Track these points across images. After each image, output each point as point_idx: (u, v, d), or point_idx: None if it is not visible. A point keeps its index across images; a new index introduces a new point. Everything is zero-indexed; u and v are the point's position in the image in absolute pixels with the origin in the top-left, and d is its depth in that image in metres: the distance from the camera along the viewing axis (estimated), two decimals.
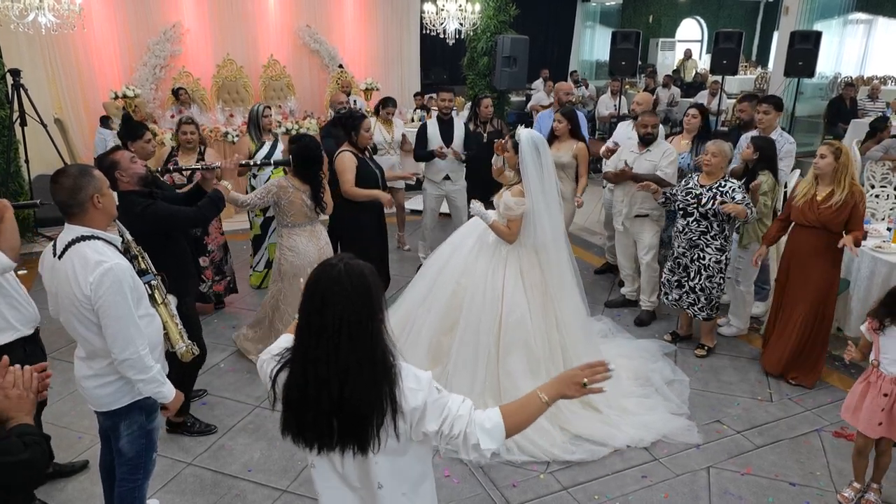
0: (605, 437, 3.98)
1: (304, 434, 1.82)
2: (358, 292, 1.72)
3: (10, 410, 1.89)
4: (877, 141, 8.39)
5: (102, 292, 2.47)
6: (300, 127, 9.11)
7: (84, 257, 2.49)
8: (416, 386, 1.80)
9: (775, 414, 4.35)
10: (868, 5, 17.30)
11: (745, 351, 5.20)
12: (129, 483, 2.90)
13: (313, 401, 1.75)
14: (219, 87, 10.50)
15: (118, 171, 3.46)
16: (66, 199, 2.52)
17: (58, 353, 4.79)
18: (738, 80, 15.92)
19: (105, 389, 2.70)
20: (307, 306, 1.75)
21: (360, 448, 1.77)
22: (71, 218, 2.56)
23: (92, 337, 2.61)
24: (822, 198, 4.40)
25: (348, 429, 1.76)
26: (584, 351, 4.16)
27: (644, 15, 20.14)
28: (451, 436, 1.81)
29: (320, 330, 1.72)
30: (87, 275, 2.47)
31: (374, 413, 1.74)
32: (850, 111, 11.39)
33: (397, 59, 12.65)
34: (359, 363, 1.72)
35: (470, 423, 1.81)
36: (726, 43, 11.39)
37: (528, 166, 3.98)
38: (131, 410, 2.76)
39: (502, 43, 8.24)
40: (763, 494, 3.60)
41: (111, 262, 2.49)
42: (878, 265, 4.82)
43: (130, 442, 2.82)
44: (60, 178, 2.53)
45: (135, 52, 10.09)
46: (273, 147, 5.98)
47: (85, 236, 2.53)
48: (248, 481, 3.67)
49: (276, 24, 11.24)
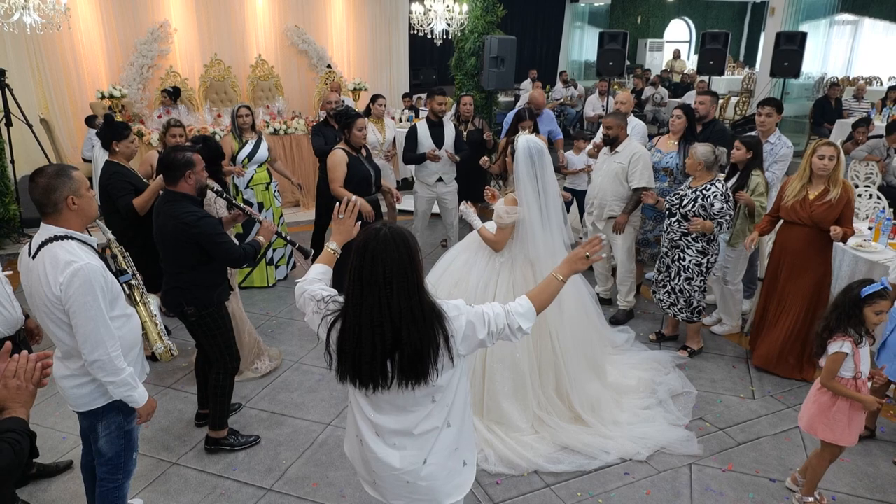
0: (596, 449, 3.90)
1: (361, 377, 2.05)
2: (401, 250, 1.99)
3: (7, 401, 1.86)
4: (854, 143, 8.48)
5: (72, 292, 2.47)
6: (288, 127, 9.11)
7: (55, 257, 2.49)
8: (456, 312, 2.11)
9: (757, 411, 4.39)
10: (854, 6, 17.45)
11: (729, 349, 5.24)
12: (109, 483, 2.90)
13: (368, 345, 2.00)
14: (206, 87, 10.47)
15: (190, 171, 3.43)
16: (41, 198, 2.53)
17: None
18: (725, 81, 16.02)
19: (82, 390, 2.70)
20: (358, 264, 2.01)
21: (420, 379, 2.03)
22: (46, 217, 2.56)
23: (65, 337, 2.61)
24: (814, 196, 4.41)
25: (410, 364, 2.01)
26: (581, 372, 4.11)
27: (632, 15, 20.23)
28: (499, 331, 2.17)
29: (371, 283, 1.98)
30: (56, 275, 2.47)
31: (430, 345, 2.01)
32: (836, 111, 11.47)
33: (386, 60, 12.65)
34: (409, 308, 1.99)
35: (508, 315, 2.18)
36: (713, 44, 11.49)
37: (522, 174, 3.80)
38: (109, 411, 2.76)
39: (490, 43, 8.25)
40: (744, 490, 3.63)
41: (81, 263, 2.48)
42: (859, 264, 4.87)
43: (109, 442, 2.82)
44: (37, 178, 2.54)
45: (122, 51, 10.05)
46: (256, 145, 5.98)
47: (58, 236, 2.53)
48: (233, 480, 3.68)
49: (265, 25, 11.22)
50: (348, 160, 5.13)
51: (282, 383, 4.71)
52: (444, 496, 2.23)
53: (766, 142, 5.38)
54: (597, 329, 4.45)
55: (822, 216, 4.38)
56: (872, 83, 16.26)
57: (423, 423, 2.15)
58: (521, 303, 2.24)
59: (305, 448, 3.97)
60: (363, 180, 5.20)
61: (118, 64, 10.07)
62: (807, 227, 4.48)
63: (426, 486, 2.20)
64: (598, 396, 4.19)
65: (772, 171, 5.35)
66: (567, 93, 14.63)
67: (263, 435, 4.08)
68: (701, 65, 12.03)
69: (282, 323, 5.66)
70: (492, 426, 4.02)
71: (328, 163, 5.17)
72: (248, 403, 4.44)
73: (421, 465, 2.17)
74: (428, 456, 2.18)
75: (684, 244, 4.82)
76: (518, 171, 3.83)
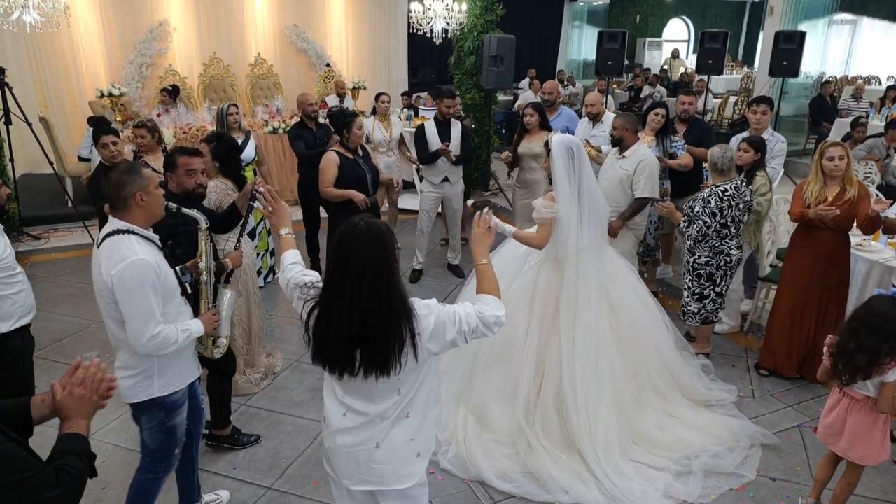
0: (557, 486, 3.53)
1: (329, 362, 2.15)
2: (376, 244, 2.06)
3: (69, 410, 1.79)
4: (853, 142, 8.48)
5: (123, 284, 2.55)
6: (287, 126, 9.10)
7: (113, 249, 2.60)
8: (426, 311, 2.17)
9: (757, 410, 4.39)
10: (853, 5, 17.44)
11: (728, 348, 5.24)
12: (149, 474, 2.97)
13: (335, 333, 2.09)
14: (205, 85, 10.47)
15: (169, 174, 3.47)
16: (112, 192, 2.64)
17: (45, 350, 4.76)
18: (724, 80, 16.01)
19: (126, 382, 2.77)
20: (334, 256, 2.11)
21: (383, 371, 2.09)
22: (115, 212, 2.68)
23: (114, 327, 2.70)
24: (833, 197, 4.34)
25: (373, 356, 2.08)
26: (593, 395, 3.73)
27: (631, 15, 20.22)
28: (471, 329, 2.20)
29: (344, 275, 2.06)
30: (110, 267, 2.57)
31: (394, 340, 2.07)
32: (833, 109, 11.48)
33: (385, 59, 12.65)
34: (377, 301, 2.05)
35: (478, 312, 2.22)
36: (712, 43, 11.47)
37: (560, 171, 3.72)
38: (150, 406, 2.83)
39: (489, 42, 8.23)
40: (744, 489, 3.64)
41: (135, 258, 2.56)
42: (858, 263, 4.88)
43: (151, 436, 2.90)
44: (110, 173, 2.68)
45: (121, 50, 10.05)
46: (245, 143, 5.96)
47: (121, 230, 2.64)
48: (234, 479, 3.69)
49: (264, 23, 11.23)
50: (340, 162, 5.11)
51: (282, 382, 4.71)
52: (394, 481, 2.30)
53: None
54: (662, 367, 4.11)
55: (845, 215, 4.30)
56: (871, 82, 16.27)
57: (385, 412, 2.23)
58: (484, 299, 2.30)
59: (306, 447, 3.97)
60: (357, 182, 5.16)
61: (117, 62, 10.07)
62: (829, 230, 4.40)
63: (378, 469, 2.28)
64: (607, 434, 3.74)
65: (772, 166, 5.45)
66: (565, 92, 14.64)
67: (263, 434, 4.08)
68: (700, 64, 12.02)
69: (281, 323, 5.66)
70: (469, 421, 3.92)
71: (321, 164, 5.17)
72: (248, 402, 4.44)
73: (374, 449, 2.25)
74: (382, 441, 2.25)
75: (726, 247, 4.65)
76: (555, 167, 3.75)
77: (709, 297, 4.78)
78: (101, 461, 3.80)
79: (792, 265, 4.68)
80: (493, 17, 8.83)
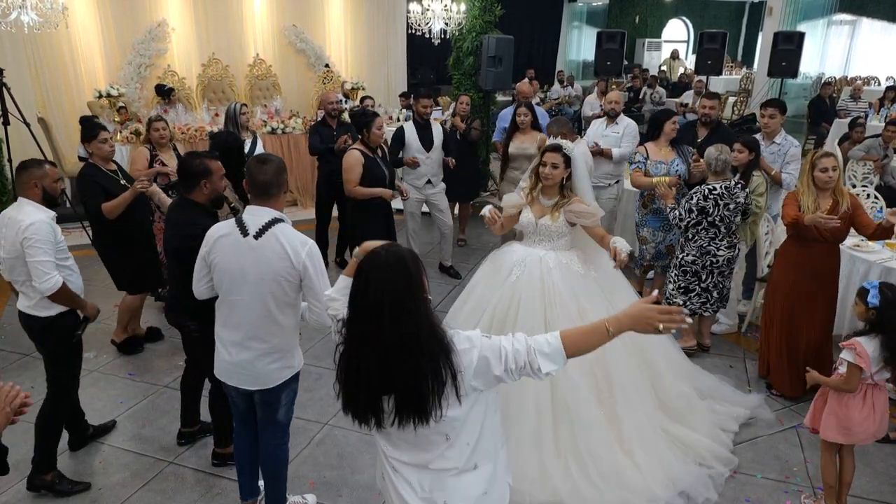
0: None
1: (353, 412, 1.94)
2: (398, 274, 1.85)
3: None
4: (853, 143, 8.49)
5: (316, 259, 2.85)
6: (286, 126, 9.12)
7: (290, 235, 2.84)
8: (468, 345, 1.92)
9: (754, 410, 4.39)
10: (852, 6, 17.49)
11: (726, 349, 5.25)
12: (284, 445, 3.22)
13: (353, 377, 1.88)
14: (204, 86, 10.45)
15: (206, 181, 3.34)
16: (272, 179, 2.85)
17: None
18: (723, 80, 16.03)
19: (273, 366, 2.97)
20: (354, 287, 1.91)
21: (421, 419, 1.86)
22: (263, 200, 2.87)
23: (278, 313, 2.89)
24: (826, 210, 4.22)
25: (406, 402, 1.85)
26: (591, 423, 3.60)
27: (630, 15, 20.24)
28: (519, 368, 1.92)
29: (364, 308, 1.85)
30: (298, 249, 2.81)
31: (432, 383, 1.83)
32: (832, 110, 11.49)
33: (383, 59, 12.64)
34: (401, 339, 1.82)
35: (529, 351, 1.92)
36: (711, 43, 11.49)
37: (583, 182, 3.96)
38: (292, 381, 3.09)
39: (487, 43, 8.24)
40: (741, 490, 3.64)
41: (309, 239, 2.89)
42: (856, 263, 4.88)
43: (287, 409, 3.13)
44: (266, 164, 2.87)
45: (119, 50, 10.03)
46: (253, 144, 5.96)
47: (279, 219, 2.86)
48: (230, 479, 3.67)
49: (262, 24, 11.21)
50: (364, 161, 5.13)
51: None
52: None
53: (772, 143, 5.36)
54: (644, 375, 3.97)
55: (842, 227, 4.22)
56: (870, 83, 16.29)
57: (437, 461, 1.99)
58: (550, 341, 1.95)
59: (302, 447, 3.97)
60: (378, 181, 5.22)
61: (116, 63, 10.05)
62: (821, 243, 4.29)
63: None
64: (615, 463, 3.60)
65: (787, 171, 5.28)
66: (564, 92, 14.66)
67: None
68: (699, 65, 12.04)
69: None
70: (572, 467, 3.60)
71: (343, 164, 5.18)
72: None
73: None
74: (448, 499, 2.00)
75: (713, 248, 4.73)
76: (579, 178, 3.94)
77: (694, 290, 4.86)
78: (98, 462, 3.83)
79: (782, 281, 4.51)
80: (492, 17, 8.84)
